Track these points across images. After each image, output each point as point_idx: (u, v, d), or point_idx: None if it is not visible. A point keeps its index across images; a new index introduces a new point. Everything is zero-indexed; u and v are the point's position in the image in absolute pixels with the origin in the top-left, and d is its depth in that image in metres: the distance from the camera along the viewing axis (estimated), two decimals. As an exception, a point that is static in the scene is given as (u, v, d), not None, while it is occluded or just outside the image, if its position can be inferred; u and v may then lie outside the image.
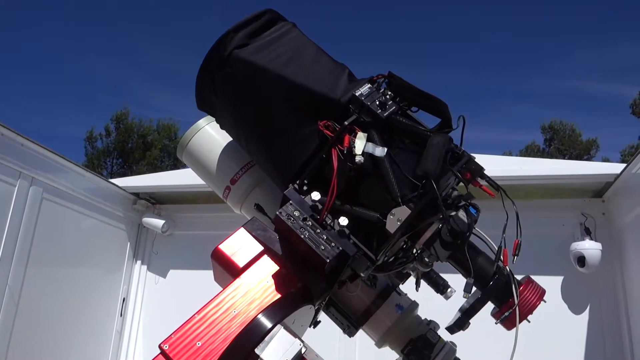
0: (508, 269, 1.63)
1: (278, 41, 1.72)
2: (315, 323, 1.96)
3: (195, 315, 1.53)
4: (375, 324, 1.89)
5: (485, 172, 1.58)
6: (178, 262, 5.55)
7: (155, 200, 5.72)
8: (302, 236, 1.48)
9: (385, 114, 1.56)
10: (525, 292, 1.62)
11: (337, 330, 2.02)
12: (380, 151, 1.50)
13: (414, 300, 1.96)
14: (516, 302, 1.58)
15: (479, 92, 43.77)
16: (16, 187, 3.97)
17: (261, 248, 1.64)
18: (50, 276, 4.42)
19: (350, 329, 1.92)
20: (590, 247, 4.31)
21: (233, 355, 1.48)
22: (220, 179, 2.05)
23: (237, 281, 1.60)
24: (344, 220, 1.48)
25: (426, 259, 1.60)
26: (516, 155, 23.94)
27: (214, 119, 2.00)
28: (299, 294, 1.60)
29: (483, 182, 1.59)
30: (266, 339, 1.48)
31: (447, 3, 45.54)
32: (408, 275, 1.89)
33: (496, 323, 1.64)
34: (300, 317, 1.67)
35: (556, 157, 24.06)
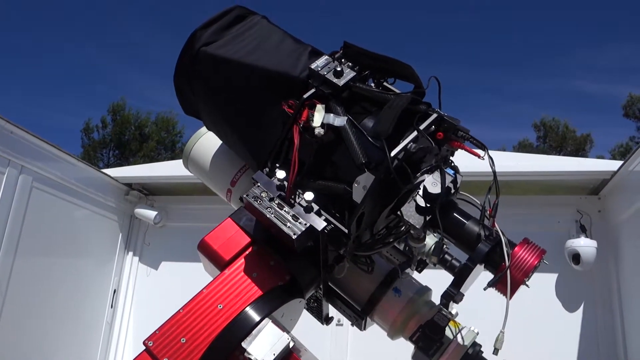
0: (499, 231, 1.48)
1: (245, 33, 1.73)
2: (327, 319, 1.89)
3: (180, 311, 1.50)
4: (382, 314, 1.75)
5: (467, 132, 1.48)
6: (170, 254, 5.50)
7: (148, 191, 5.67)
8: (269, 215, 1.44)
9: (342, 82, 1.52)
10: (521, 252, 1.45)
11: (328, 327, 1.98)
12: (339, 121, 1.46)
13: (425, 285, 1.83)
14: (507, 263, 1.41)
15: (471, 89, 43.73)
16: (5, 176, 3.90)
17: (248, 239, 1.60)
18: (39, 267, 4.36)
19: (358, 321, 1.81)
20: (585, 245, 4.29)
21: (220, 348, 1.45)
22: (222, 183, 2.04)
23: (223, 274, 1.55)
24: (309, 195, 1.44)
25: (412, 232, 1.50)
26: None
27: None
28: (288, 287, 1.56)
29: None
30: (254, 332, 1.45)
31: (443, 1, 45.46)
32: (423, 263, 1.76)
33: (485, 289, 1.48)
34: (290, 311, 1.63)
35: (550, 154, 24.05)
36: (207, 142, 2.08)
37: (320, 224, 1.44)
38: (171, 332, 1.46)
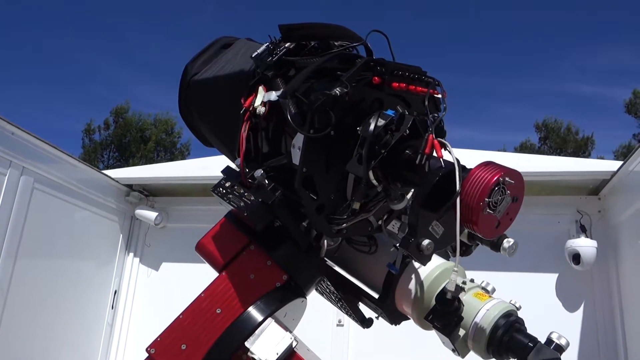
0: (454, 157, 1.24)
1: (225, 56, 1.81)
2: (364, 320, 1.73)
3: (180, 316, 1.50)
4: (403, 301, 1.56)
5: (405, 70, 1.37)
6: (171, 255, 5.52)
7: (149, 192, 5.67)
8: (227, 201, 1.47)
9: (274, 59, 1.55)
10: (476, 173, 1.19)
11: (330, 327, 1.97)
12: (274, 95, 1.49)
13: (444, 261, 1.61)
14: (458, 187, 1.18)
15: (471, 93, 43.71)
16: (6, 177, 3.91)
17: (245, 239, 1.58)
18: (40, 268, 4.38)
19: (382, 314, 1.64)
20: (585, 245, 4.31)
21: (223, 348, 1.45)
22: None
23: (220, 277, 1.54)
24: (258, 173, 1.46)
25: (378, 190, 1.37)
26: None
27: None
28: (287, 286, 1.56)
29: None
30: (257, 332, 1.45)
31: (442, 3, 45.47)
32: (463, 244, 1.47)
33: (434, 223, 1.24)
34: (292, 311, 1.63)
35: (551, 155, 24.07)
36: None
37: (270, 197, 1.43)
38: (172, 339, 1.46)
